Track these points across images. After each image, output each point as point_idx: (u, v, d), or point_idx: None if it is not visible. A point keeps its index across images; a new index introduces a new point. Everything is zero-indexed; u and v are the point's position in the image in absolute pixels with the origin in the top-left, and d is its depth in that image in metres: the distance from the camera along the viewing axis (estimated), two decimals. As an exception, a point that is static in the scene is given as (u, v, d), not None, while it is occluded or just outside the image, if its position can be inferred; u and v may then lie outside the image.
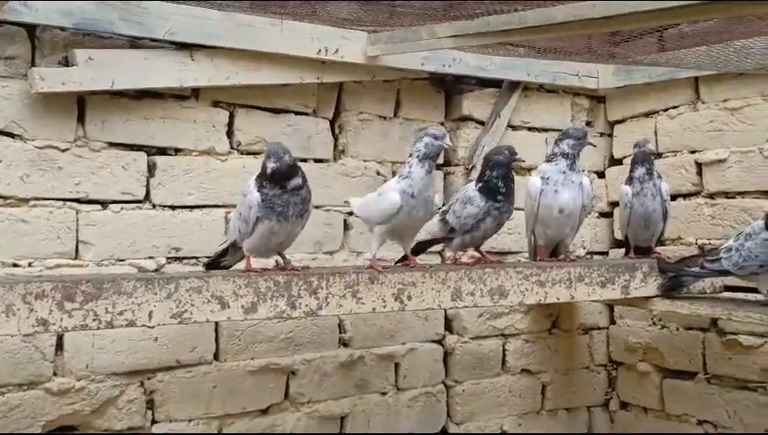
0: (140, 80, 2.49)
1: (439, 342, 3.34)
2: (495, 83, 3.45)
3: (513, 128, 3.50)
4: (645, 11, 2.02)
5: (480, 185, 2.67)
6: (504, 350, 3.49)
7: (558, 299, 2.69)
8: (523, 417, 3.53)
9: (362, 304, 2.35)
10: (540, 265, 2.70)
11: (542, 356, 3.60)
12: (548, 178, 2.80)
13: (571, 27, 2.22)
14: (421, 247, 2.78)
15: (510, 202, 2.62)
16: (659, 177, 2.97)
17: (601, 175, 3.80)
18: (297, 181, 2.20)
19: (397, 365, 3.21)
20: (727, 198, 3.23)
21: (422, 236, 2.67)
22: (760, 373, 3.08)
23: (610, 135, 3.79)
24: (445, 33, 2.54)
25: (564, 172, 2.77)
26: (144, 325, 2.06)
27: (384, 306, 2.38)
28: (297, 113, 2.96)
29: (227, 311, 2.16)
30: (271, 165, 2.11)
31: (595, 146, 3.17)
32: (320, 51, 2.81)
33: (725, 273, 2.63)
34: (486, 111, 3.42)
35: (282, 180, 2.16)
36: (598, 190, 3.69)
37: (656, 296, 2.84)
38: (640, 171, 2.96)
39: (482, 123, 3.42)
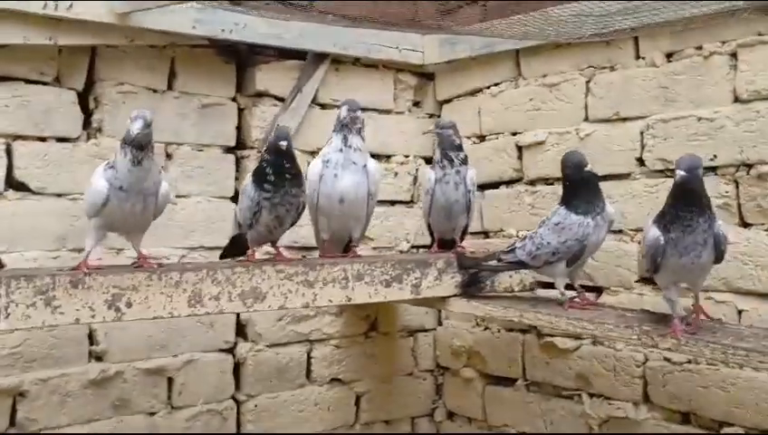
0: None
1: (229, 350, 2.89)
2: (299, 55, 3.02)
3: (322, 106, 3.09)
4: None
5: (254, 173, 2.27)
6: (309, 357, 3.08)
7: (331, 301, 2.29)
8: (334, 432, 3.13)
9: (61, 314, 1.88)
10: (309, 262, 2.30)
11: (357, 363, 3.21)
12: (328, 161, 2.41)
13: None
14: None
15: (286, 193, 2.20)
16: (465, 163, 2.61)
17: (429, 161, 3.44)
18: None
19: (170, 380, 2.74)
20: (547, 184, 2.92)
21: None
22: (575, 379, 2.78)
23: (439, 116, 3.41)
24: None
25: (341, 150, 2.38)
26: None
27: (93, 316, 1.92)
28: (29, 81, 2.44)
29: None
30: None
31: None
32: (46, 5, 2.30)
33: (521, 264, 2.30)
34: (288, 86, 2.99)
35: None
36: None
37: (453, 296, 2.49)
38: (439, 155, 2.60)
39: (282, 100, 2.99)
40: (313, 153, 2.82)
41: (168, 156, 2.75)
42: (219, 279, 2.10)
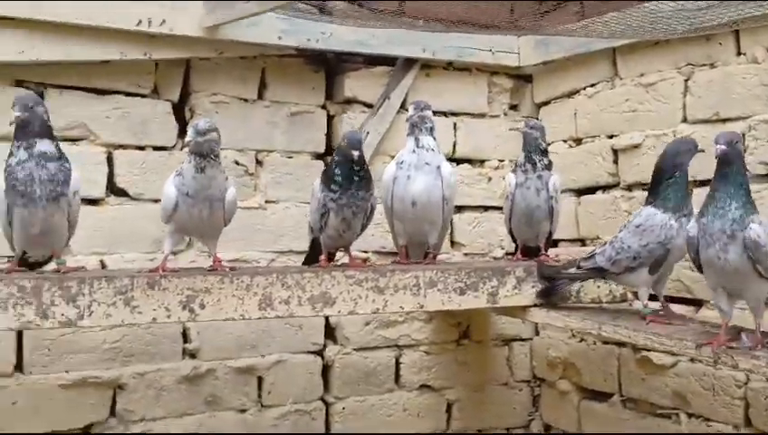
0: None
1: (318, 353, 2.95)
2: (389, 61, 3.04)
3: (411, 111, 3.08)
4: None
5: (322, 174, 2.31)
6: (397, 363, 3.08)
7: (402, 308, 2.28)
8: (425, 438, 3.11)
9: (139, 313, 2.00)
10: (379, 268, 2.30)
11: (448, 371, 3.17)
12: (402, 163, 2.40)
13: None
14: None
15: (353, 195, 2.22)
16: (548, 168, 2.51)
17: (524, 166, 3.34)
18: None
19: (260, 379, 2.84)
20: (644, 189, 2.71)
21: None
22: (672, 398, 2.59)
23: (537, 120, 3.30)
24: (251, -6, 2.16)
25: (414, 151, 2.36)
26: None
27: (168, 316, 2.03)
28: (129, 94, 2.61)
29: (-45, 320, 1.85)
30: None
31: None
32: (140, 22, 2.46)
33: (600, 271, 2.18)
34: (376, 92, 3.02)
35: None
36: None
37: (534, 306, 2.40)
38: (523, 159, 2.52)
39: (370, 106, 3.01)
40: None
41: (259, 163, 2.85)
42: (289, 283, 2.14)
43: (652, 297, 2.17)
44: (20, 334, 2.43)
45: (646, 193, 2.68)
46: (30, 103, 1.92)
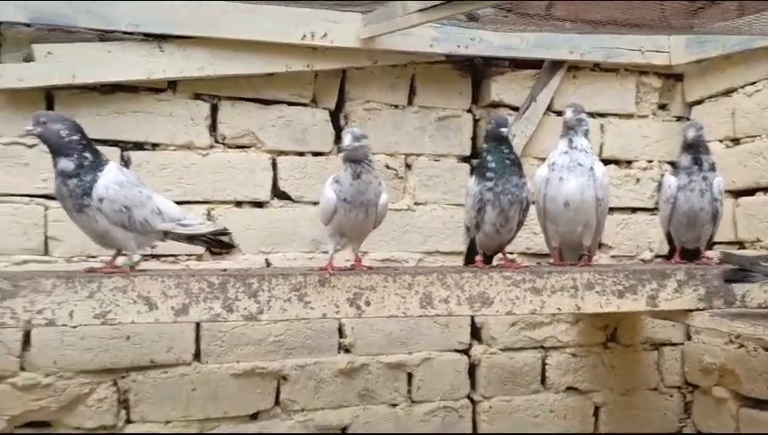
0: (105, 73, 2.44)
1: (464, 352, 3.02)
2: (534, 64, 3.06)
3: (558, 114, 3.07)
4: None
5: (474, 169, 2.37)
6: (543, 364, 3.09)
7: (559, 309, 2.30)
8: (572, 440, 3.11)
9: (311, 308, 2.13)
10: (536, 270, 2.33)
11: (595, 374, 3.15)
12: (554, 164, 2.42)
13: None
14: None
15: (508, 181, 2.24)
16: (712, 169, 2.46)
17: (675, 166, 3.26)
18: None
19: (410, 375, 2.94)
20: (812, 190, 2.62)
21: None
22: None
23: (688, 119, 3.21)
24: (414, 8, 2.24)
25: (567, 152, 2.38)
26: (65, 325, 1.99)
27: (337, 312, 2.15)
28: (291, 104, 2.78)
29: (155, 312, 2.03)
30: None
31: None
32: (304, 36, 2.61)
33: None
34: (522, 95, 3.04)
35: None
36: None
37: (696, 310, 2.35)
38: (688, 161, 2.48)
39: (516, 109, 3.04)
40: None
41: (408, 166, 2.95)
42: (449, 283, 2.22)
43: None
44: (198, 326, 2.65)
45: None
46: (42, 119, 1.96)
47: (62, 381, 2.48)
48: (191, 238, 2.25)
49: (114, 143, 2.55)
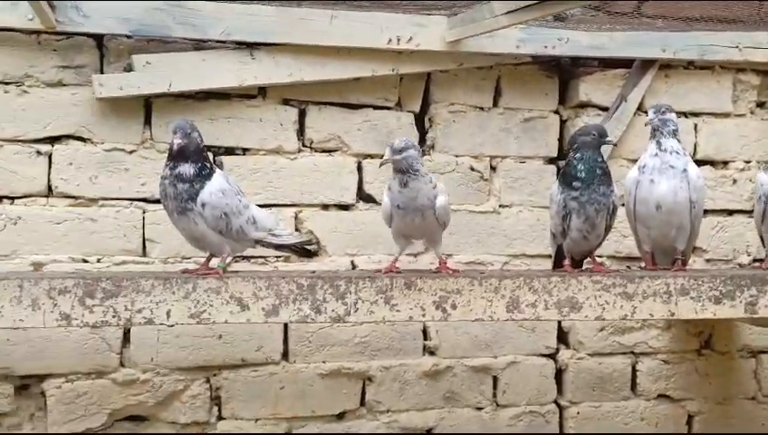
0: (199, 81, 2.53)
1: (551, 356, 2.97)
2: (624, 64, 2.98)
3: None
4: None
5: (560, 174, 2.33)
6: (633, 370, 3.01)
7: (651, 315, 2.23)
8: (663, 450, 3.02)
9: (397, 311, 2.15)
10: (627, 274, 2.27)
11: (688, 381, 3.05)
12: (644, 166, 2.36)
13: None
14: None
15: (594, 190, 2.21)
16: (814, 166, 2.35)
17: (775, 165, 3.11)
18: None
19: (495, 379, 2.92)
20: None
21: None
22: None
23: (790, 116, 3.08)
24: (501, 10, 2.23)
25: (657, 154, 2.31)
26: (162, 323, 2.07)
27: (423, 315, 2.16)
28: (376, 108, 2.80)
29: (247, 313, 2.10)
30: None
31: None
32: (390, 40, 2.63)
33: None
34: (611, 95, 2.97)
35: None
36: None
37: (798, 318, 2.25)
38: (787, 157, 2.37)
39: (605, 110, 2.97)
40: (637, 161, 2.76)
41: (493, 168, 2.93)
42: (536, 287, 2.19)
43: None
44: (286, 326, 2.71)
45: None
46: (188, 130, 2.04)
47: (158, 377, 2.59)
48: (279, 247, 2.31)
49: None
